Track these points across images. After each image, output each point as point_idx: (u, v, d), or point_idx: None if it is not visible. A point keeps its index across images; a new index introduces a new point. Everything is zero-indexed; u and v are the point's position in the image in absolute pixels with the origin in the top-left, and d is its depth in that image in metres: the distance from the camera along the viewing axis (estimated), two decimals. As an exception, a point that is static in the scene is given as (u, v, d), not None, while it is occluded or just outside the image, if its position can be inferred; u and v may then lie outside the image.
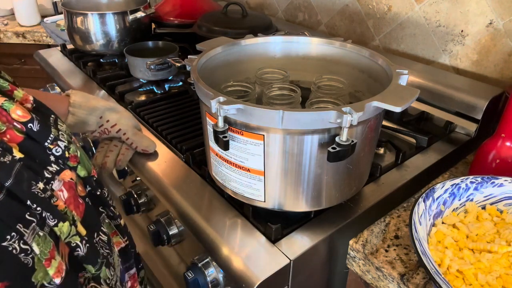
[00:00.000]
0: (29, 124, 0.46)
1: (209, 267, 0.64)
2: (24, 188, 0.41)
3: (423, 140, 0.83)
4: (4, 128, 0.43)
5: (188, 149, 0.80)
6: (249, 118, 0.53)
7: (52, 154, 0.47)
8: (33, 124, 0.46)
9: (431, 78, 0.92)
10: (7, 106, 0.45)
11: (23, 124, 0.45)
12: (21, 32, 1.67)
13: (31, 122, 0.46)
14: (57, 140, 0.48)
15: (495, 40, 0.91)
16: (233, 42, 0.72)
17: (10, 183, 0.40)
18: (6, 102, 0.45)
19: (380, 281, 0.61)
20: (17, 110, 0.45)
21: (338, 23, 1.25)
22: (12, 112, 0.45)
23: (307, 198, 0.60)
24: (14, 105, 0.45)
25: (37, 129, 0.46)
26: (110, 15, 1.16)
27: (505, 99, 0.86)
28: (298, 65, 0.77)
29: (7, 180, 0.40)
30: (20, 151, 0.43)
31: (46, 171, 0.45)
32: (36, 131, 0.46)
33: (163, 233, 0.71)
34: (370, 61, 0.68)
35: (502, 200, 0.65)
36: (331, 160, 0.52)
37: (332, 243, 0.63)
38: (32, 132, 0.46)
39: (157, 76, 1.07)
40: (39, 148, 0.46)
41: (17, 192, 0.40)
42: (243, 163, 0.57)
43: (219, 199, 0.68)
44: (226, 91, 0.67)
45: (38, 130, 0.46)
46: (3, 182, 0.39)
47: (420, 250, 0.52)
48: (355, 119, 0.49)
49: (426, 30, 1.02)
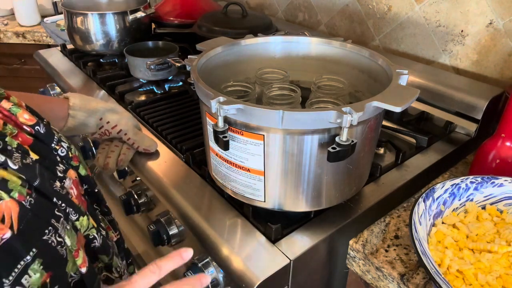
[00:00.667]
0: (36, 127, 0.48)
1: (209, 267, 0.64)
2: (48, 187, 0.43)
3: (423, 140, 0.83)
4: (16, 131, 0.45)
5: (188, 149, 0.80)
6: (249, 118, 0.53)
7: (58, 154, 0.50)
8: (39, 126, 0.48)
9: (431, 78, 0.92)
10: (15, 110, 0.47)
11: (31, 127, 0.47)
12: (21, 32, 1.67)
13: (38, 125, 0.48)
14: (61, 142, 0.51)
15: (495, 40, 0.91)
16: (233, 42, 0.72)
17: (38, 183, 0.42)
18: (13, 107, 0.47)
19: (380, 281, 0.61)
20: (24, 114, 0.47)
21: (338, 23, 1.25)
22: (19, 116, 0.47)
23: (307, 198, 0.60)
24: (21, 110, 0.47)
25: (44, 131, 0.49)
26: (110, 15, 1.16)
27: (505, 99, 0.86)
28: (298, 65, 0.77)
29: (35, 180, 0.42)
30: (33, 153, 0.45)
31: (58, 171, 0.47)
32: (44, 133, 0.49)
33: (163, 233, 0.71)
34: (370, 61, 0.68)
35: (502, 200, 0.65)
36: (331, 160, 0.52)
37: (332, 243, 0.63)
38: (40, 134, 0.48)
39: (157, 76, 1.07)
40: (47, 149, 0.48)
41: (44, 190, 0.43)
42: (243, 163, 0.57)
43: (219, 199, 0.68)
44: (226, 91, 0.67)
45: (44, 132, 0.49)
46: (32, 182, 0.41)
47: (420, 250, 0.52)
48: (355, 119, 0.49)
49: (426, 30, 1.02)
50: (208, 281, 0.48)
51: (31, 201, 0.40)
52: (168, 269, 0.45)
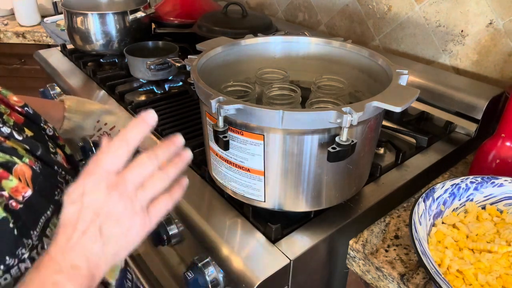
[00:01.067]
0: (25, 108, 0.52)
1: (209, 267, 0.64)
2: (48, 156, 0.48)
3: (423, 140, 0.83)
4: (8, 111, 0.48)
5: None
6: (249, 118, 0.53)
7: (46, 134, 0.54)
8: (28, 107, 0.52)
9: (431, 78, 0.92)
10: (5, 93, 0.51)
11: (21, 108, 0.51)
12: (21, 32, 1.67)
13: (26, 106, 0.52)
14: (47, 123, 0.55)
15: (495, 40, 0.91)
16: (233, 42, 0.72)
17: (40, 153, 0.47)
18: (3, 90, 0.51)
19: (380, 281, 0.61)
20: (13, 96, 0.51)
21: (338, 23, 1.25)
22: (10, 98, 0.51)
23: (307, 198, 0.60)
24: (10, 92, 0.51)
25: (32, 112, 0.52)
26: (110, 15, 1.16)
27: (505, 99, 0.86)
28: (298, 65, 0.77)
29: (37, 150, 0.46)
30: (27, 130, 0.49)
31: (49, 147, 0.51)
32: (32, 114, 0.52)
33: (163, 233, 0.71)
34: (370, 61, 0.68)
35: (502, 200, 0.65)
36: (331, 160, 0.52)
37: (332, 243, 0.63)
38: (30, 114, 0.52)
39: (157, 76, 1.07)
40: (37, 128, 0.52)
41: (46, 159, 0.47)
42: (243, 163, 0.57)
43: (219, 199, 0.68)
44: (226, 91, 0.67)
45: (33, 113, 0.53)
46: (35, 152, 0.46)
47: (420, 250, 0.52)
48: (355, 119, 0.49)
49: (426, 30, 1.02)
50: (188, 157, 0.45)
51: (39, 167, 0.45)
52: (135, 137, 0.42)
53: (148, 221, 0.41)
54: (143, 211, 0.41)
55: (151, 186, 0.41)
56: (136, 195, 0.40)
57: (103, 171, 0.40)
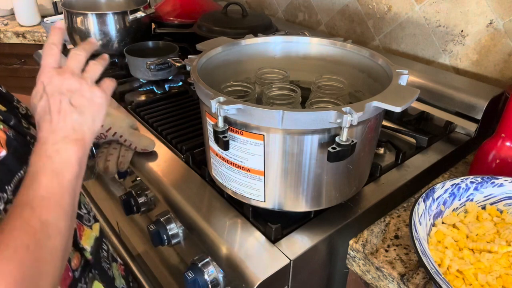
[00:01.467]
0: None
1: (209, 267, 0.64)
2: (21, 127, 0.53)
3: (423, 140, 0.83)
4: None
5: (188, 149, 0.80)
6: (249, 118, 0.53)
7: (19, 112, 0.57)
8: (1, 87, 0.56)
9: (431, 78, 0.92)
10: None
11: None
12: (21, 32, 1.67)
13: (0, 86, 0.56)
14: (20, 102, 0.58)
15: (495, 40, 0.91)
16: (233, 42, 0.72)
17: (13, 123, 0.51)
18: None
19: (380, 281, 0.61)
20: None
21: (338, 23, 1.25)
22: None
23: (307, 198, 0.60)
24: None
25: (5, 91, 0.56)
26: (110, 15, 1.16)
27: (505, 99, 0.86)
28: (298, 65, 0.77)
29: (11, 120, 0.51)
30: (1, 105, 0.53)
31: (23, 122, 0.55)
32: (5, 93, 0.57)
33: (163, 233, 0.71)
34: (370, 61, 0.68)
35: (502, 200, 0.65)
36: (331, 160, 0.52)
37: (332, 243, 0.63)
38: (2, 92, 0.56)
39: (157, 76, 1.07)
40: (11, 105, 0.56)
41: (19, 129, 0.52)
42: (243, 163, 0.57)
43: (219, 199, 0.68)
44: (226, 91, 0.67)
45: (6, 92, 0.57)
46: (8, 122, 0.50)
47: (420, 250, 0.52)
48: (355, 119, 0.49)
49: (426, 30, 1.02)
50: (107, 56, 0.58)
51: (13, 133, 0.49)
52: (58, 39, 0.53)
53: (104, 92, 0.53)
54: (96, 85, 0.52)
55: (91, 69, 0.53)
56: (83, 75, 0.52)
57: (49, 68, 0.51)
